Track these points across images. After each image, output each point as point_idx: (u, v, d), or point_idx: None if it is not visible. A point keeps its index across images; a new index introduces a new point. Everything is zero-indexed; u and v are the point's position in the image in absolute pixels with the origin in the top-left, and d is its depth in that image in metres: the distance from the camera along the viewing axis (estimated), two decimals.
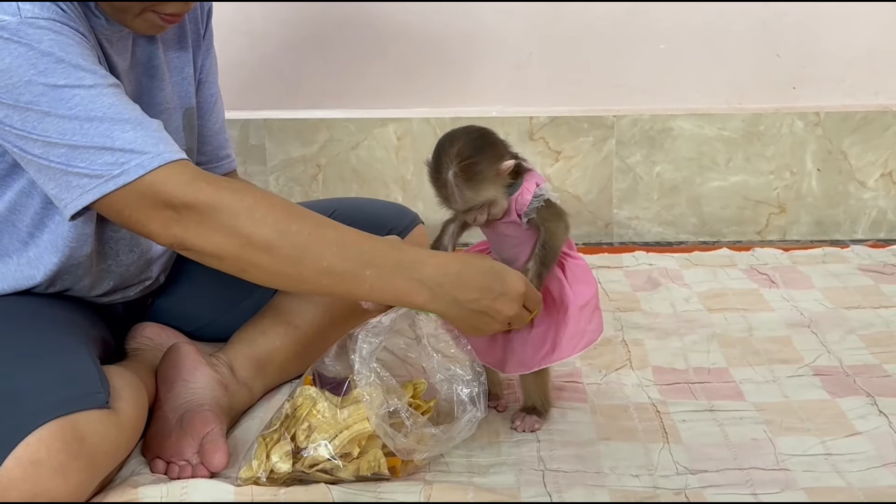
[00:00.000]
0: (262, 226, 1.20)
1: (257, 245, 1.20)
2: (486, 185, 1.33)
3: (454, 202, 1.34)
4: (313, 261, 1.22)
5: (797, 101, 2.45)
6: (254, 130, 2.44)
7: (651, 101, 2.44)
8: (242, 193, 1.22)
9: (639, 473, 1.33)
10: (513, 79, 2.44)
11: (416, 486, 1.28)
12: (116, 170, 1.17)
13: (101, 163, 1.17)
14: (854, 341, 1.75)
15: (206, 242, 1.20)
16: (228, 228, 1.19)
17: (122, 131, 1.18)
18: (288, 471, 1.28)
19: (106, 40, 1.32)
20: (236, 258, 1.21)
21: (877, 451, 1.38)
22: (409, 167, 2.44)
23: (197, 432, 1.35)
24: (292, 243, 1.21)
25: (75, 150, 1.17)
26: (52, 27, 1.18)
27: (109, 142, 1.17)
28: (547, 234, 1.37)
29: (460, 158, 1.32)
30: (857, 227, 2.47)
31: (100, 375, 1.26)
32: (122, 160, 1.17)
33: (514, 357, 1.44)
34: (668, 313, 1.91)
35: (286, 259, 1.21)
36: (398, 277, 1.25)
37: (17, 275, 1.37)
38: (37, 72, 1.16)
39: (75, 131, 1.17)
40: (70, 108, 1.17)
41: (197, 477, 1.32)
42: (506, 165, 1.34)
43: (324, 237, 1.23)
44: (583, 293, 1.42)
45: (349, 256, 1.23)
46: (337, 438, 1.28)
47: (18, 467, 1.13)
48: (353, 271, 1.23)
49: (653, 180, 2.45)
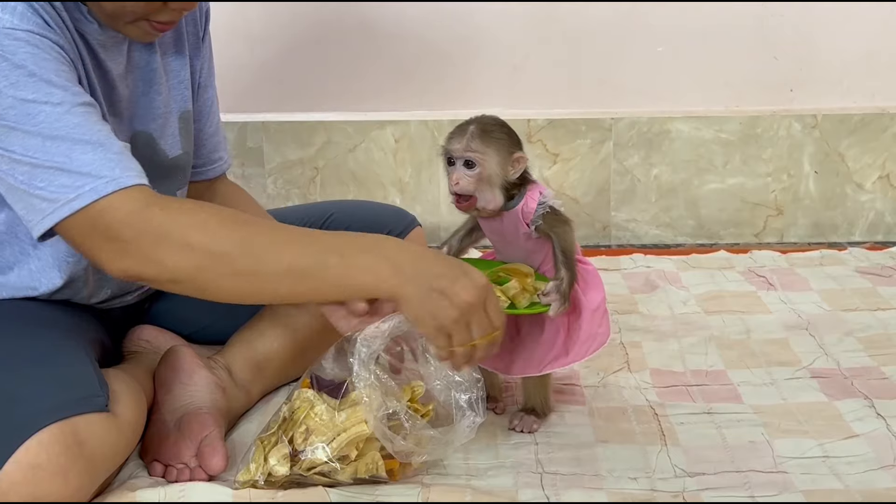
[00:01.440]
0: (217, 237, 1.19)
1: (216, 258, 1.18)
2: (494, 151, 1.36)
3: (458, 142, 1.36)
4: (274, 262, 1.19)
5: (794, 103, 2.45)
6: (252, 133, 2.44)
7: (649, 104, 2.45)
8: (194, 212, 1.21)
9: (636, 476, 1.33)
10: (510, 81, 2.44)
11: (414, 489, 1.28)
12: (72, 193, 1.16)
13: (58, 185, 1.16)
14: (852, 343, 1.75)
15: (159, 270, 1.18)
16: (182, 247, 1.17)
17: (81, 152, 1.17)
18: (286, 474, 1.28)
19: (100, 45, 1.31)
20: (193, 278, 1.19)
21: (875, 453, 1.38)
22: (407, 169, 2.44)
23: (195, 435, 1.35)
24: (250, 250, 1.19)
25: (36, 170, 1.16)
26: (29, 39, 1.18)
27: (68, 163, 1.16)
28: (560, 240, 1.39)
29: (488, 122, 1.38)
30: (854, 230, 2.47)
31: (99, 379, 1.26)
32: (78, 183, 1.16)
33: (522, 359, 1.44)
34: (666, 315, 1.91)
35: (246, 267, 1.19)
36: (360, 259, 1.21)
37: (17, 284, 1.37)
38: (8, 83, 1.16)
39: (37, 148, 1.16)
40: (35, 124, 1.16)
41: (195, 480, 1.32)
42: (518, 154, 1.37)
43: (280, 238, 1.23)
44: (594, 297, 1.43)
45: (309, 251, 1.21)
46: (335, 441, 1.28)
47: (18, 471, 1.13)
48: (315, 264, 1.21)
49: (650, 182, 2.45)
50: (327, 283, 1.22)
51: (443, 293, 1.21)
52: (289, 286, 1.22)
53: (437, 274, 1.21)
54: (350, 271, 1.21)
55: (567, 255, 1.39)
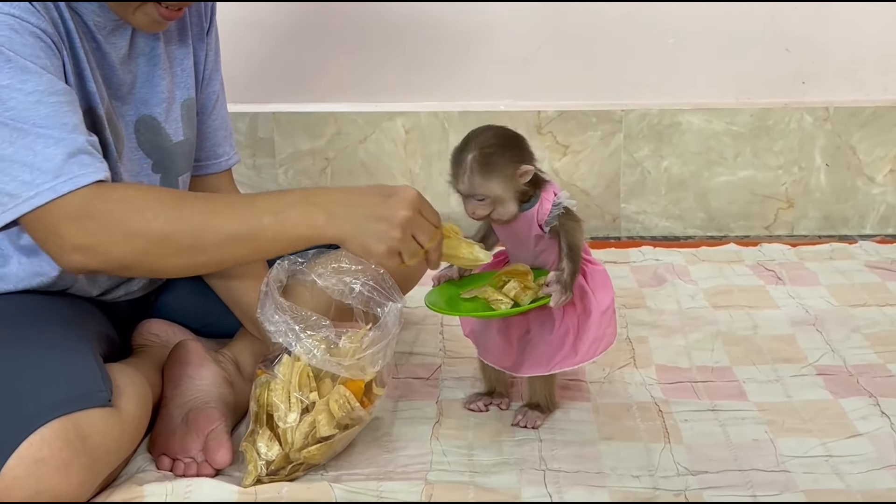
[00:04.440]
0: (154, 222, 1.24)
1: (156, 241, 1.24)
2: (498, 180, 1.36)
3: (461, 183, 1.37)
4: (212, 234, 1.26)
5: (806, 95, 2.44)
6: (262, 123, 2.45)
7: (659, 96, 2.44)
8: (133, 199, 1.26)
9: (639, 474, 1.34)
10: (521, 73, 2.44)
11: (418, 486, 1.29)
12: (32, 191, 1.20)
13: (21, 181, 1.20)
14: (858, 340, 1.75)
15: (106, 258, 1.25)
16: (123, 236, 1.24)
17: (44, 146, 1.20)
18: (280, 452, 1.30)
19: (98, 28, 1.33)
20: (141, 261, 1.26)
21: (877, 452, 1.38)
22: (418, 160, 2.44)
23: (201, 430, 1.36)
24: (187, 227, 1.26)
25: (2, 162, 1.20)
26: (8, 22, 1.20)
27: (31, 156, 1.20)
28: (568, 235, 1.39)
29: (485, 146, 1.36)
30: (865, 223, 2.47)
31: (102, 374, 1.27)
32: (38, 181, 1.20)
33: (531, 358, 1.45)
34: (674, 310, 1.91)
35: (186, 244, 1.26)
36: (293, 212, 1.28)
37: (20, 273, 1.38)
38: None
39: (4, 138, 1.19)
40: (4, 110, 1.19)
41: (202, 474, 1.33)
42: (523, 169, 1.36)
43: (215, 210, 1.28)
44: (604, 299, 1.44)
45: (244, 216, 1.28)
46: (291, 396, 1.31)
47: (21, 465, 1.15)
48: (252, 226, 1.27)
49: (661, 175, 2.45)
50: (267, 242, 1.29)
51: (380, 218, 1.29)
52: (230, 252, 1.29)
53: (367, 203, 1.30)
54: (285, 227, 1.28)
55: (572, 249, 1.39)
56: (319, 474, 1.35)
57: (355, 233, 1.29)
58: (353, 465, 1.37)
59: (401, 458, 1.39)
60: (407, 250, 1.31)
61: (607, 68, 2.43)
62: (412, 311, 1.85)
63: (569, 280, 1.37)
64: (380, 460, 1.39)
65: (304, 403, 1.32)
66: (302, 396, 1.31)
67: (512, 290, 1.39)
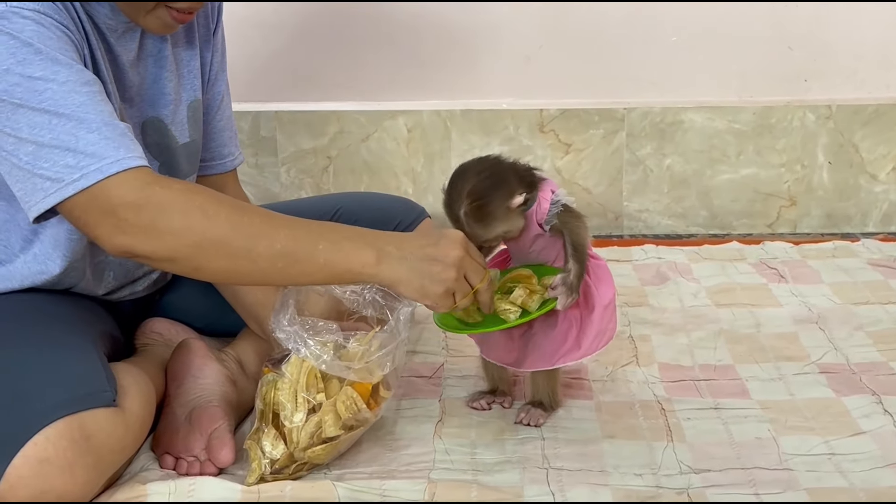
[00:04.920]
0: (214, 220, 1.21)
1: (212, 239, 1.21)
2: (497, 223, 1.38)
3: (469, 237, 1.36)
4: (267, 246, 1.23)
5: (808, 93, 2.44)
6: (265, 122, 2.45)
7: (662, 94, 2.44)
8: (193, 193, 1.24)
9: (642, 472, 1.34)
10: (523, 71, 2.44)
11: (421, 485, 1.30)
12: (77, 174, 1.18)
13: (63, 165, 1.18)
14: (861, 338, 1.75)
15: (156, 247, 1.21)
16: (181, 228, 1.20)
17: (87, 131, 1.18)
18: (285, 451, 1.31)
19: (110, 31, 1.33)
20: (190, 257, 1.22)
21: (880, 450, 1.38)
22: (420, 159, 2.44)
23: (204, 428, 1.37)
24: (245, 233, 1.23)
25: (42, 149, 1.18)
26: (35, 18, 1.20)
27: (73, 142, 1.18)
28: (573, 235, 1.40)
29: (471, 199, 1.36)
30: (868, 220, 2.46)
31: (106, 374, 1.27)
32: (83, 163, 1.17)
33: (534, 353, 1.45)
34: (676, 308, 1.91)
35: (240, 248, 1.22)
36: (347, 245, 1.26)
37: (24, 271, 1.39)
38: (16, 61, 1.17)
39: (43, 125, 1.17)
40: (41, 101, 1.18)
41: (205, 473, 1.34)
42: (516, 202, 1.37)
43: (274, 224, 1.26)
44: (606, 293, 1.44)
45: (300, 236, 1.26)
46: (298, 396, 1.31)
47: (26, 465, 1.15)
48: (306, 249, 1.25)
49: (663, 173, 2.45)
50: (316, 267, 1.26)
51: (434, 260, 1.27)
52: (280, 269, 1.25)
53: (419, 245, 1.28)
54: (338, 256, 1.26)
55: (577, 249, 1.39)
56: (323, 473, 1.35)
57: (411, 275, 1.27)
58: (356, 463, 1.38)
59: (404, 457, 1.39)
60: (461, 290, 1.30)
61: (610, 66, 2.43)
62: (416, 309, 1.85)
63: (575, 282, 1.37)
64: (383, 459, 1.39)
65: (311, 404, 1.32)
66: (309, 396, 1.31)
67: (519, 297, 1.39)
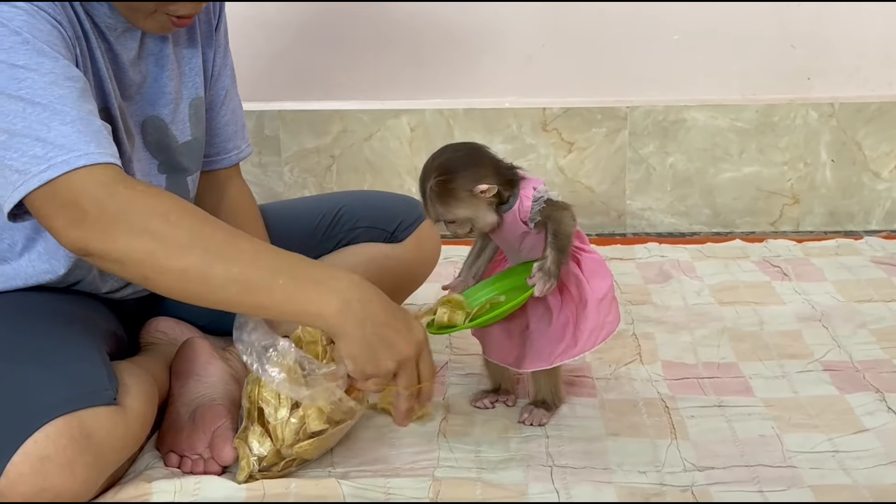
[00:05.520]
0: (176, 227, 1.16)
1: (168, 248, 1.16)
2: (458, 203, 1.37)
3: (428, 213, 1.39)
4: (224, 267, 1.16)
5: (811, 91, 2.44)
6: (268, 121, 2.46)
7: (664, 92, 2.44)
8: (160, 198, 1.20)
9: (646, 470, 1.34)
10: (525, 70, 2.44)
11: (425, 483, 1.30)
12: (43, 164, 1.14)
13: (31, 155, 1.14)
14: (864, 336, 1.75)
15: (109, 247, 1.15)
16: (139, 230, 1.15)
17: (60, 123, 1.16)
18: (271, 448, 1.31)
19: (109, 30, 1.33)
20: (141, 262, 1.16)
21: (884, 448, 1.38)
22: (423, 158, 2.39)
23: (208, 427, 1.37)
24: (205, 247, 1.17)
25: (13, 138, 1.15)
26: (28, 9, 1.19)
27: (45, 132, 1.15)
28: (554, 224, 1.39)
29: (437, 173, 1.36)
30: (871, 218, 2.47)
31: (108, 372, 1.27)
32: (51, 154, 1.14)
33: (532, 353, 1.45)
34: (679, 306, 1.91)
35: (196, 265, 1.16)
36: (310, 287, 1.20)
37: (29, 270, 1.39)
38: (1, 48, 1.17)
39: (17, 113, 1.15)
40: (19, 88, 1.16)
41: (209, 472, 1.34)
42: (481, 188, 1.36)
43: (237, 245, 1.20)
44: (600, 286, 1.43)
45: (262, 264, 1.19)
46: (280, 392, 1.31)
47: (26, 462, 1.16)
48: (265, 279, 1.18)
49: (666, 171, 2.45)
50: (272, 301, 1.19)
51: (384, 341, 1.21)
52: (233, 295, 1.19)
53: (382, 322, 1.21)
54: (296, 295, 1.19)
55: (557, 236, 1.38)
56: (327, 471, 1.36)
57: (356, 339, 1.21)
58: (360, 461, 1.38)
59: (408, 455, 1.39)
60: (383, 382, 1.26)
61: (612, 65, 2.44)
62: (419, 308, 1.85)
63: (553, 267, 1.36)
64: (387, 457, 1.39)
65: (294, 399, 1.31)
66: (291, 395, 1.31)
67: (444, 315, 1.40)
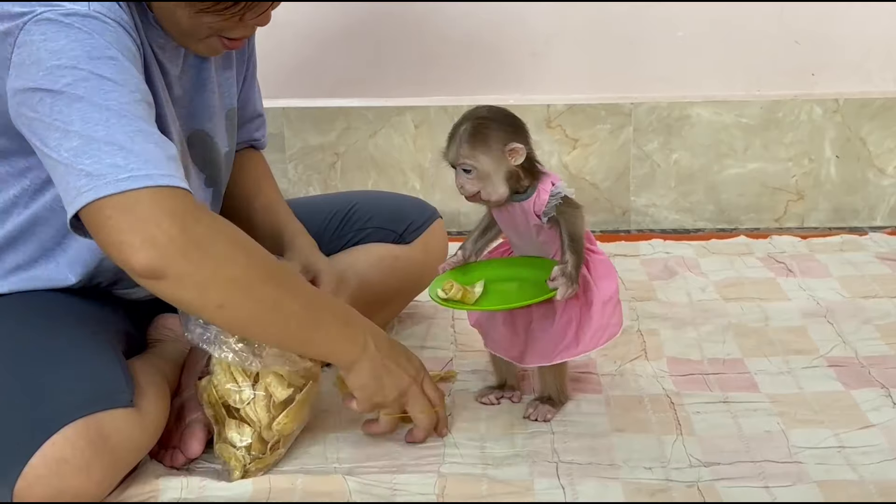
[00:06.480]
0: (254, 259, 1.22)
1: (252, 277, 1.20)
2: (486, 151, 1.36)
3: (449, 152, 1.38)
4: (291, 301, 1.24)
5: (816, 87, 2.44)
6: (272, 119, 2.44)
7: (668, 89, 2.44)
8: (236, 230, 1.22)
9: (652, 466, 1.34)
10: (530, 67, 2.44)
11: (431, 479, 1.30)
12: (123, 174, 1.11)
13: (109, 163, 1.11)
14: (870, 332, 1.75)
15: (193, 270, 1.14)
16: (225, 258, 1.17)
17: (144, 140, 1.14)
18: (253, 434, 1.32)
19: (159, 47, 1.33)
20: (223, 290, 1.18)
21: (889, 443, 1.38)
22: (427, 155, 2.45)
23: (182, 420, 1.39)
24: (277, 281, 1.23)
25: (90, 144, 1.11)
26: (116, 27, 1.18)
27: (129, 142, 1.12)
28: (568, 224, 1.39)
29: (478, 117, 1.38)
30: (875, 214, 2.46)
31: (124, 374, 1.28)
32: (133, 166, 1.11)
33: (534, 349, 1.46)
34: (684, 303, 1.92)
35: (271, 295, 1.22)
36: (343, 326, 1.31)
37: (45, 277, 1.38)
38: (88, 58, 1.14)
39: (99, 121, 1.12)
40: (105, 98, 1.13)
41: (175, 464, 1.35)
42: (512, 146, 1.36)
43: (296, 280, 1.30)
44: (606, 288, 1.44)
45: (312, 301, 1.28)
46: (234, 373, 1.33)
47: (44, 465, 1.16)
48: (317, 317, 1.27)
49: (670, 168, 2.45)
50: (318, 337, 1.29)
51: (387, 371, 1.34)
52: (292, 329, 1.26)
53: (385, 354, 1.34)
54: (333, 333, 1.30)
55: (573, 239, 1.38)
56: (333, 467, 1.36)
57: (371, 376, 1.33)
58: (366, 457, 1.38)
59: (413, 451, 1.39)
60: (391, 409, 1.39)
61: (616, 61, 2.43)
62: (423, 306, 1.86)
63: (573, 272, 1.37)
64: (393, 453, 1.39)
65: (250, 372, 1.32)
66: (244, 366, 1.32)
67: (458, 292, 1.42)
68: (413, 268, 1.73)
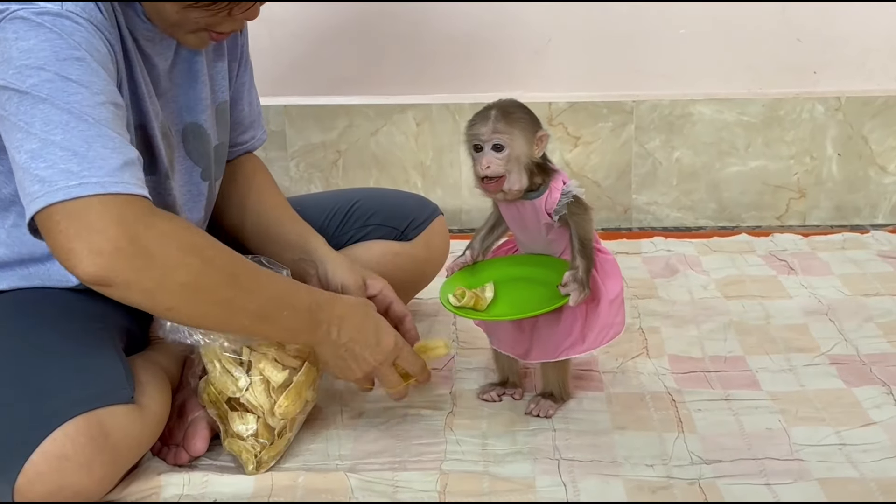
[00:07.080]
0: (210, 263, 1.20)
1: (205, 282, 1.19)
2: (520, 130, 1.38)
3: (483, 127, 1.38)
4: (247, 300, 1.24)
5: (818, 85, 2.43)
6: (274, 116, 2.46)
7: (670, 87, 2.44)
8: (192, 232, 1.21)
9: (653, 463, 1.35)
10: (532, 64, 2.44)
11: (432, 476, 1.31)
12: (74, 180, 1.11)
13: (63, 169, 1.11)
14: (871, 329, 1.75)
15: (143, 277, 1.14)
16: (175, 264, 1.16)
17: (102, 146, 1.13)
18: (259, 421, 1.33)
19: (147, 41, 1.33)
20: (173, 295, 1.18)
21: (891, 441, 1.38)
22: (429, 153, 2.44)
23: (185, 418, 1.39)
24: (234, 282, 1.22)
25: (46, 147, 1.12)
26: (87, 28, 1.18)
27: (85, 148, 1.12)
28: (578, 228, 1.40)
29: (509, 104, 1.40)
30: (877, 212, 2.46)
31: (125, 371, 1.28)
32: (86, 172, 1.11)
33: (539, 345, 1.46)
34: (686, 301, 1.92)
35: (227, 297, 1.22)
36: (304, 315, 1.31)
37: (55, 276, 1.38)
38: (56, 59, 1.15)
39: (59, 123, 1.12)
40: (68, 101, 1.13)
41: (178, 462, 1.36)
42: (542, 133, 1.39)
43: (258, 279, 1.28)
44: (612, 288, 1.45)
45: (274, 297, 1.28)
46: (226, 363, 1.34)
47: (45, 461, 1.16)
48: (274, 312, 1.27)
49: (672, 165, 2.45)
50: (275, 330, 1.30)
51: (352, 355, 1.35)
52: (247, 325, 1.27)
53: (352, 338, 1.34)
54: (293, 324, 1.31)
55: (584, 243, 1.39)
56: (335, 464, 1.36)
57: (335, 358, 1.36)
58: (368, 454, 1.39)
59: (415, 448, 1.40)
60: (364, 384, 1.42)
61: (618, 59, 2.43)
62: (425, 303, 1.86)
63: (585, 277, 1.38)
64: (395, 450, 1.40)
65: (241, 359, 1.33)
66: (234, 356, 1.33)
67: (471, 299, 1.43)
68: (415, 265, 1.73)
